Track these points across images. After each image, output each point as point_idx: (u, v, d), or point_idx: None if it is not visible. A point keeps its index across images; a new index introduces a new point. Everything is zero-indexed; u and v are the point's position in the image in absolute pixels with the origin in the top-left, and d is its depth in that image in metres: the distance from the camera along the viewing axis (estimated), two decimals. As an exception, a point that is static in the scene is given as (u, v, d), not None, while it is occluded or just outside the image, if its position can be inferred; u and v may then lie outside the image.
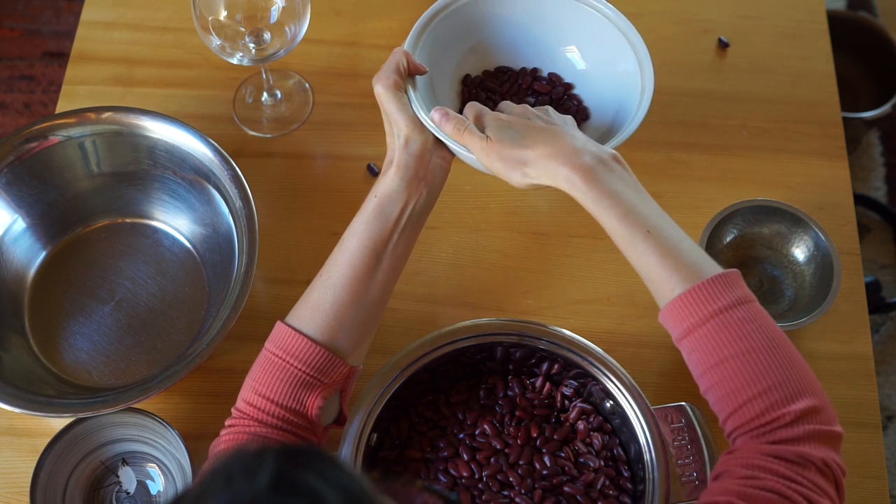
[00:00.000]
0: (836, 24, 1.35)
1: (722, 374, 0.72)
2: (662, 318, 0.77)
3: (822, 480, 0.69)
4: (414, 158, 0.84)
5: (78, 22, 1.24)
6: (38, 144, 1.04)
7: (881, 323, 1.77)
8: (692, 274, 0.74)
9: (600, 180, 0.78)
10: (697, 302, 0.73)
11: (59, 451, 0.92)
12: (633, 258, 0.78)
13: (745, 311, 0.73)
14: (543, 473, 0.87)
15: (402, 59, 0.87)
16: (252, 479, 0.49)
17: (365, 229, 0.83)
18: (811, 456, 0.69)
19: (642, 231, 0.76)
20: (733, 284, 0.74)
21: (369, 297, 0.83)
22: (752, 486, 0.67)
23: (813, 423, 0.70)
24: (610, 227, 0.78)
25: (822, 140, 1.16)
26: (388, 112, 0.86)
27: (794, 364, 0.72)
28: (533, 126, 0.83)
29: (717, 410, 0.74)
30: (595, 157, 0.79)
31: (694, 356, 0.75)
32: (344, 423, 0.86)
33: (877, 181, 1.91)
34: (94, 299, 1.05)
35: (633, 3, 1.24)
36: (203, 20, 1.01)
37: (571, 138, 0.81)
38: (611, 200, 0.77)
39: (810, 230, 1.04)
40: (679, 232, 0.77)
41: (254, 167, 1.10)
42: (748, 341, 0.72)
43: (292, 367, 0.81)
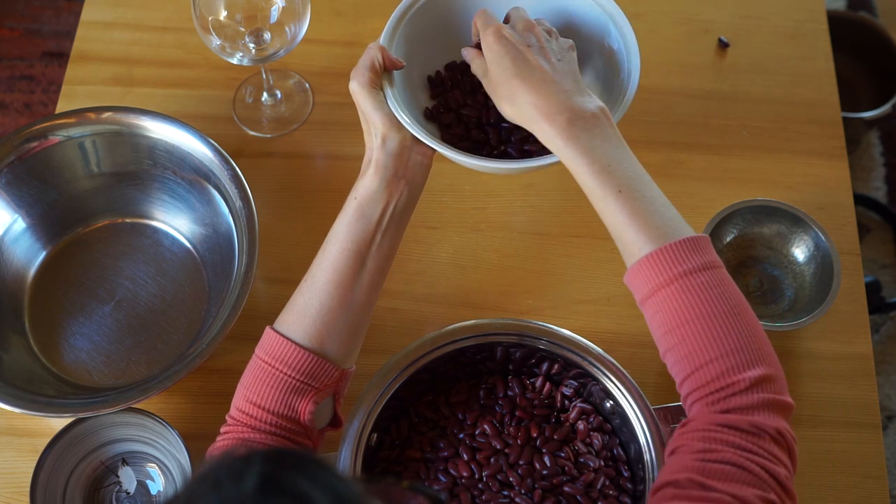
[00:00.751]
0: (836, 24, 1.35)
1: (681, 336, 0.72)
2: (627, 278, 0.76)
3: (777, 449, 0.69)
4: (392, 157, 0.82)
5: (78, 22, 1.24)
6: (38, 144, 1.04)
7: (881, 323, 1.77)
8: (661, 235, 0.74)
9: (578, 137, 0.76)
10: (663, 263, 0.73)
11: (59, 451, 0.92)
12: (605, 216, 0.77)
13: (711, 275, 0.73)
14: (543, 473, 0.87)
15: (377, 55, 0.85)
16: (239, 483, 0.49)
17: (347, 232, 0.82)
18: (765, 425, 0.69)
19: (614, 190, 0.75)
20: (701, 249, 0.73)
21: (356, 299, 0.82)
22: (709, 460, 0.67)
23: (766, 391, 0.70)
24: (584, 186, 0.77)
25: (822, 140, 1.16)
26: (363, 110, 0.84)
27: (753, 332, 0.72)
28: (527, 62, 0.80)
29: (675, 373, 0.74)
30: (577, 113, 0.77)
31: (656, 318, 0.74)
32: (340, 426, 0.86)
33: (877, 181, 1.91)
34: (94, 299, 1.05)
35: (633, 3, 1.24)
36: (203, 20, 1.01)
37: (559, 88, 0.78)
38: (586, 158, 0.76)
39: (810, 230, 1.04)
40: (654, 191, 0.76)
41: (254, 167, 1.10)
42: (710, 305, 0.72)
43: (282, 373, 0.80)
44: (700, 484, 0.66)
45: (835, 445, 0.99)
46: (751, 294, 1.06)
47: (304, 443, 0.82)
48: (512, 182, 1.12)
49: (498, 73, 0.80)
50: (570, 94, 0.78)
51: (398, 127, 0.83)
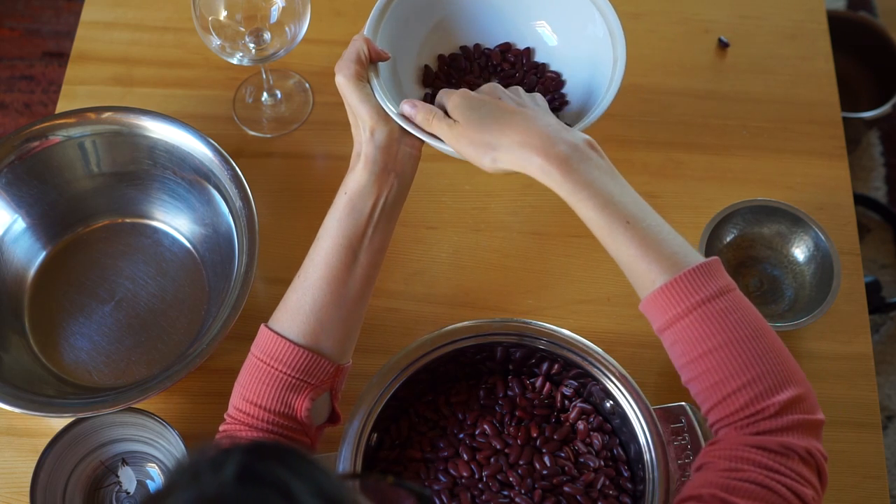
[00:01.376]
0: (836, 24, 1.35)
1: (705, 367, 0.72)
2: (643, 307, 0.76)
3: (805, 469, 0.69)
4: (381, 150, 0.82)
5: (78, 22, 1.24)
6: (38, 144, 1.04)
7: (881, 323, 1.77)
8: (673, 265, 0.73)
9: (576, 170, 0.75)
10: (679, 294, 0.72)
11: (59, 451, 0.92)
12: (613, 249, 0.76)
13: (727, 301, 0.72)
14: (543, 473, 0.87)
15: (362, 47, 0.84)
16: (218, 473, 0.49)
17: (338, 227, 0.82)
18: (794, 446, 0.69)
19: (622, 221, 0.74)
20: (714, 274, 0.73)
21: (349, 294, 0.82)
22: (735, 479, 0.67)
23: (797, 412, 0.70)
24: (588, 218, 0.76)
25: (822, 140, 1.16)
26: (350, 103, 0.83)
27: (777, 353, 0.72)
28: (503, 108, 0.79)
29: (700, 401, 0.74)
30: (570, 146, 0.76)
31: (676, 347, 0.74)
32: (338, 421, 0.86)
33: (877, 181, 1.91)
34: (94, 299, 1.05)
35: (633, 3, 1.24)
36: (203, 20, 1.01)
37: (544, 124, 0.78)
38: (588, 191, 0.75)
39: (810, 230, 1.04)
40: (658, 220, 0.76)
41: (254, 167, 1.10)
42: (731, 332, 0.71)
43: (277, 371, 0.80)
44: (722, 500, 0.66)
45: (835, 445, 0.99)
46: (751, 294, 1.06)
47: (302, 440, 0.82)
48: (512, 182, 1.12)
49: (473, 123, 0.78)
50: (558, 129, 0.77)
51: (386, 119, 0.82)
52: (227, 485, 0.48)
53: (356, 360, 0.88)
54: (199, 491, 0.49)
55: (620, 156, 1.13)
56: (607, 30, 0.88)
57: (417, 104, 0.83)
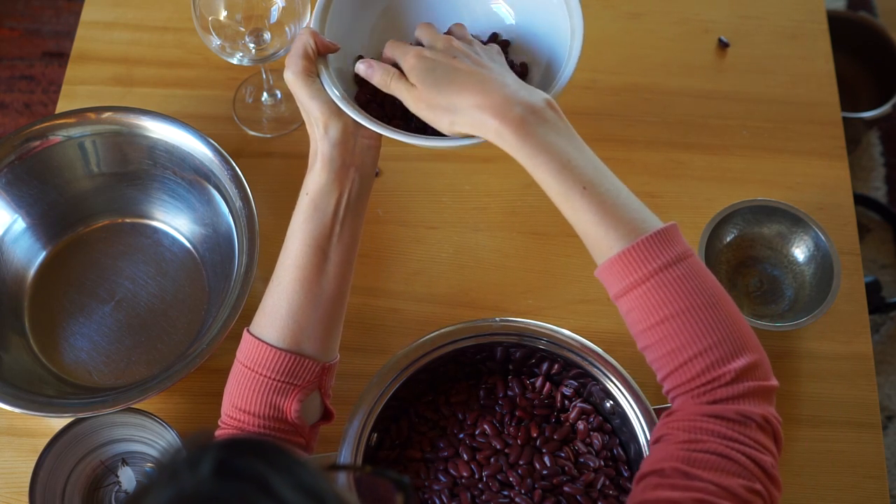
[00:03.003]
0: (836, 24, 1.35)
1: (661, 334, 0.71)
2: (599, 273, 0.75)
3: (763, 436, 0.69)
4: (336, 147, 0.80)
5: (78, 22, 1.24)
6: (38, 144, 1.04)
7: (881, 323, 1.77)
8: (631, 231, 0.72)
9: (533, 134, 0.73)
10: (636, 261, 0.71)
11: (59, 450, 0.92)
12: (569, 215, 0.75)
13: (684, 268, 0.72)
14: (543, 473, 0.87)
15: (308, 41, 0.80)
16: (195, 469, 0.49)
17: (303, 228, 0.81)
18: (751, 413, 0.69)
19: (578, 187, 0.73)
20: (671, 240, 0.72)
21: (325, 293, 0.81)
22: (695, 450, 0.67)
23: (752, 379, 0.70)
24: (544, 183, 0.74)
25: (822, 140, 1.16)
26: (300, 100, 0.81)
27: (732, 320, 0.71)
28: (459, 68, 0.76)
29: (656, 368, 0.73)
30: (527, 108, 0.74)
31: (632, 315, 0.73)
32: (331, 419, 0.86)
33: (877, 181, 1.91)
34: (94, 299, 1.05)
35: (633, 3, 1.24)
36: (203, 20, 1.01)
37: (501, 85, 0.75)
38: (545, 156, 0.73)
39: (810, 230, 1.04)
40: (616, 184, 0.74)
41: (254, 167, 1.10)
42: (687, 300, 0.71)
43: (262, 376, 0.80)
44: (684, 473, 0.66)
45: (835, 445, 0.99)
46: (751, 294, 1.06)
47: (297, 440, 0.82)
48: (512, 182, 1.12)
49: (430, 87, 0.76)
50: (514, 90, 0.75)
51: (339, 114, 0.80)
52: (205, 481, 0.48)
53: (356, 360, 0.88)
54: (177, 489, 0.49)
55: (620, 156, 1.14)
56: (565, 6, 0.85)
57: (373, 64, 0.80)
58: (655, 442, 0.71)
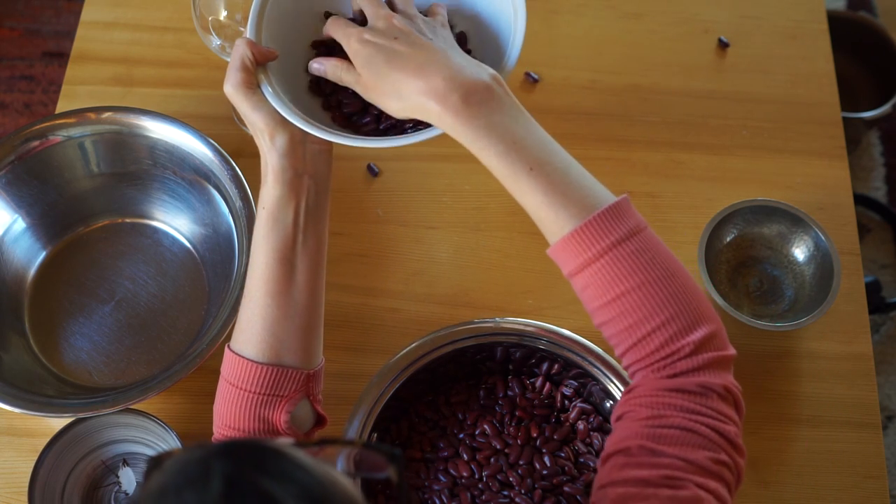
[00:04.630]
0: (836, 24, 1.35)
1: (618, 310, 0.70)
2: (551, 253, 0.73)
3: (725, 406, 0.69)
4: (286, 157, 0.78)
5: (78, 22, 1.24)
6: (38, 144, 1.04)
7: (881, 323, 1.77)
8: (582, 209, 0.71)
9: (474, 117, 0.71)
10: (588, 238, 0.70)
11: (59, 450, 0.92)
12: (518, 197, 0.73)
13: (638, 242, 0.70)
14: (543, 473, 0.87)
15: (245, 52, 0.78)
16: (203, 491, 0.48)
17: (265, 242, 0.79)
18: (712, 384, 0.69)
19: (525, 168, 0.71)
20: (623, 214, 0.71)
21: (297, 303, 0.79)
22: (658, 426, 0.67)
23: (710, 350, 0.70)
24: (491, 167, 0.73)
25: (822, 140, 1.16)
26: (243, 113, 0.79)
27: (689, 292, 0.71)
28: (400, 52, 0.74)
29: (614, 344, 0.73)
30: (469, 88, 0.71)
31: (588, 292, 0.72)
32: (325, 424, 0.84)
33: (877, 181, 1.91)
34: (94, 299, 1.05)
35: (633, 3, 1.24)
36: (203, 20, 1.01)
37: (443, 66, 0.72)
38: (488, 139, 0.71)
39: (810, 230, 1.04)
40: (566, 160, 0.73)
41: (254, 167, 1.09)
42: (642, 274, 0.70)
43: (246, 392, 0.78)
44: (650, 450, 0.66)
45: (835, 445, 0.99)
46: (751, 294, 1.06)
47: None
48: (512, 182, 1.12)
49: (373, 74, 0.75)
50: (457, 69, 0.72)
51: (283, 123, 0.78)
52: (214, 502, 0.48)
53: (356, 360, 0.88)
54: None
55: (620, 156, 1.14)
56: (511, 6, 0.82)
57: (323, 60, 0.80)
58: (618, 419, 0.71)
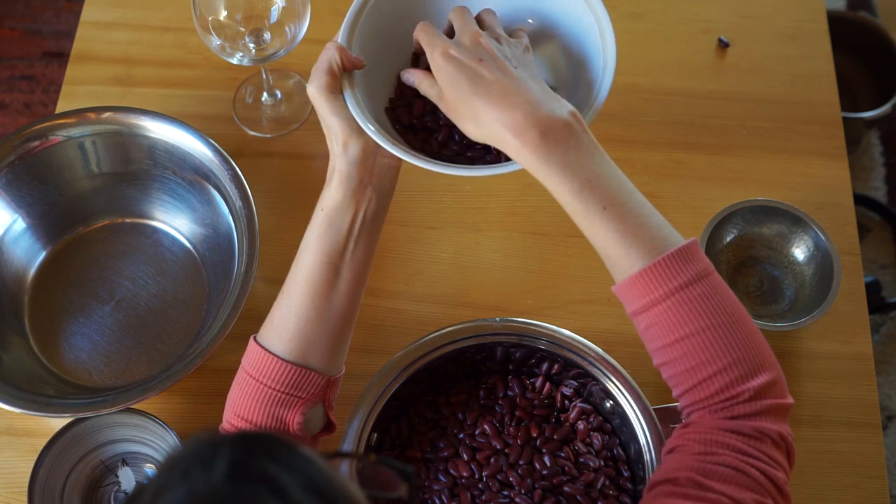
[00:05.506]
0: (836, 24, 1.35)
1: (680, 351, 0.71)
2: (617, 290, 0.74)
3: (777, 453, 0.69)
4: (355, 165, 0.79)
5: (78, 22, 1.24)
6: (38, 144, 1.04)
7: (881, 323, 1.77)
8: (652, 249, 0.72)
9: (551, 154, 0.72)
10: (656, 279, 0.71)
11: (59, 449, 0.92)
12: (589, 233, 0.74)
13: (705, 286, 0.71)
14: (543, 473, 0.87)
15: (334, 56, 0.79)
16: (209, 470, 0.48)
17: (317, 243, 0.79)
18: (768, 430, 0.69)
19: (598, 206, 0.72)
20: (693, 258, 0.72)
21: (334, 309, 0.80)
22: (710, 462, 0.67)
23: (769, 397, 0.70)
24: (564, 202, 0.74)
25: (822, 140, 1.16)
26: (321, 116, 0.80)
27: (752, 339, 0.72)
28: (484, 76, 0.74)
29: (672, 384, 0.73)
30: (549, 125, 0.72)
31: (651, 331, 0.73)
32: (333, 431, 0.85)
33: (877, 181, 1.91)
34: (94, 299, 1.05)
35: (633, 3, 1.24)
36: (203, 20, 1.01)
37: (524, 100, 0.73)
38: (563, 176, 0.72)
39: (810, 230, 1.04)
40: (637, 199, 0.73)
41: (254, 167, 1.10)
42: (707, 318, 0.71)
43: (266, 387, 0.79)
44: (698, 483, 0.66)
45: (835, 445, 0.99)
46: (751, 294, 1.06)
47: None
48: (512, 182, 1.12)
49: (455, 96, 0.75)
50: (537, 104, 0.73)
51: (359, 132, 0.79)
52: (218, 483, 0.48)
53: (356, 360, 0.87)
54: (190, 490, 0.48)
55: (620, 156, 1.13)
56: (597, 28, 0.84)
57: (413, 71, 0.81)
58: (669, 452, 0.71)
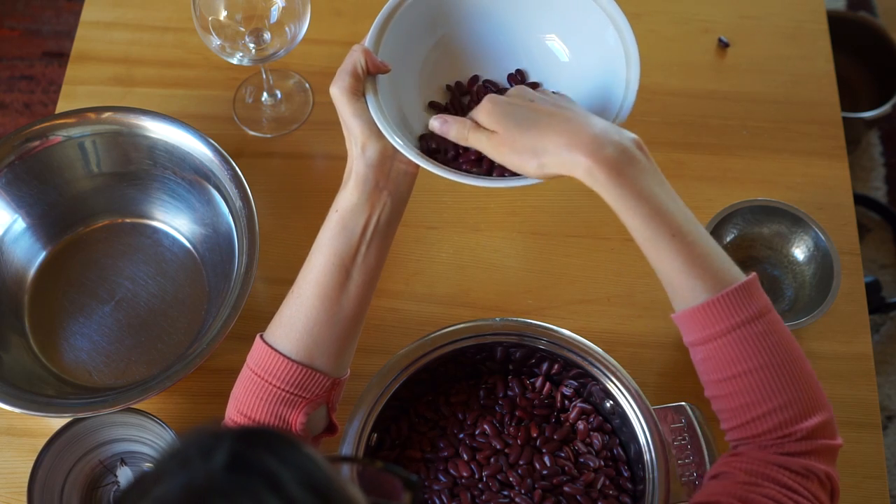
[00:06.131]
0: (836, 24, 1.35)
1: (735, 387, 0.72)
2: (678, 319, 0.75)
3: (822, 492, 0.69)
4: (372, 168, 0.79)
5: (78, 22, 1.24)
6: (38, 144, 1.04)
7: (881, 323, 1.77)
8: (715, 283, 0.72)
9: (624, 175, 0.71)
10: (719, 314, 0.72)
11: (58, 449, 0.92)
12: (655, 259, 0.74)
13: (764, 324, 0.72)
14: (543, 473, 0.87)
15: (360, 59, 0.79)
16: (208, 460, 0.48)
17: (330, 245, 0.80)
18: (816, 469, 0.70)
19: (668, 233, 0.72)
20: (753, 294, 0.73)
21: (343, 311, 0.80)
22: (753, 492, 0.68)
23: (822, 437, 0.71)
24: (633, 226, 0.73)
25: (822, 140, 1.16)
26: (342, 117, 0.80)
27: (808, 379, 0.72)
28: (540, 110, 0.75)
29: (723, 418, 0.74)
30: (618, 148, 0.72)
31: (708, 363, 0.73)
32: (335, 432, 0.85)
33: (877, 181, 1.91)
34: (94, 299, 1.05)
35: (633, 3, 1.24)
36: (203, 20, 1.01)
37: (588, 124, 0.73)
38: (636, 199, 0.72)
39: (810, 230, 1.04)
40: (702, 231, 0.74)
41: (254, 167, 1.10)
42: (765, 357, 0.71)
43: (271, 385, 0.79)
44: None
45: (835, 445, 0.99)
46: (751, 294, 1.06)
47: None
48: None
49: (511, 129, 0.74)
50: (604, 129, 0.73)
51: (378, 135, 0.79)
52: (216, 473, 0.48)
53: (356, 360, 0.87)
54: (188, 478, 0.48)
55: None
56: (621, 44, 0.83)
57: (448, 118, 0.79)
58: (713, 477, 0.72)
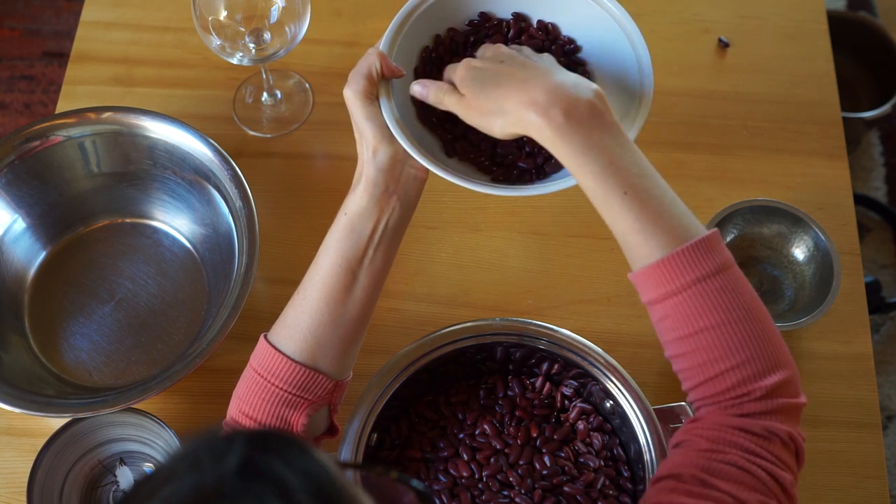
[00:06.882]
0: (836, 24, 1.35)
1: (694, 345, 0.70)
2: (634, 278, 0.73)
3: (785, 453, 0.68)
4: (383, 172, 0.79)
5: (78, 22, 1.24)
6: (38, 144, 1.04)
7: (881, 323, 1.77)
8: (671, 239, 0.70)
9: (574, 132, 0.70)
10: (674, 270, 0.70)
11: (58, 449, 0.92)
12: (608, 218, 0.72)
13: (723, 279, 0.70)
14: (543, 473, 0.87)
15: (374, 62, 0.80)
16: (219, 463, 0.48)
17: (337, 248, 0.79)
18: (777, 430, 0.68)
19: (619, 191, 0.70)
20: (713, 249, 0.71)
21: (348, 314, 0.80)
22: (715, 460, 0.67)
23: (782, 396, 0.70)
24: (584, 185, 0.72)
25: (822, 140, 1.16)
26: (355, 120, 0.80)
27: (769, 336, 0.70)
28: (504, 71, 0.75)
29: (683, 378, 0.73)
30: (572, 103, 0.71)
31: (665, 322, 0.72)
32: (336, 434, 0.85)
33: (877, 181, 1.91)
34: (94, 299, 1.05)
35: (633, 3, 1.24)
36: (203, 20, 1.01)
37: (547, 80, 0.73)
38: (585, 157, 0.70)
39: (810, 230, 1.04)
40: (660, 186, 0.72)
41: (254, 167, 1.10)
42: (724, 313, 0.70)
43: (274, 386, 0.79)
44: (702, 481, 0.66)
45: (835, 445, 0.99)
46: (751, 294, 1.06)
47: None
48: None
49: (476, 93, 0.76)
50: (560, 84, 0.72)
51: (390, 139, 0.79)
52: (227, 477, 0.48)
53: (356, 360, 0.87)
54: (198, 481, 0.48)
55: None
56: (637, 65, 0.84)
57: (427, 83, 0.80)
58: (676, 445, 0.71)
